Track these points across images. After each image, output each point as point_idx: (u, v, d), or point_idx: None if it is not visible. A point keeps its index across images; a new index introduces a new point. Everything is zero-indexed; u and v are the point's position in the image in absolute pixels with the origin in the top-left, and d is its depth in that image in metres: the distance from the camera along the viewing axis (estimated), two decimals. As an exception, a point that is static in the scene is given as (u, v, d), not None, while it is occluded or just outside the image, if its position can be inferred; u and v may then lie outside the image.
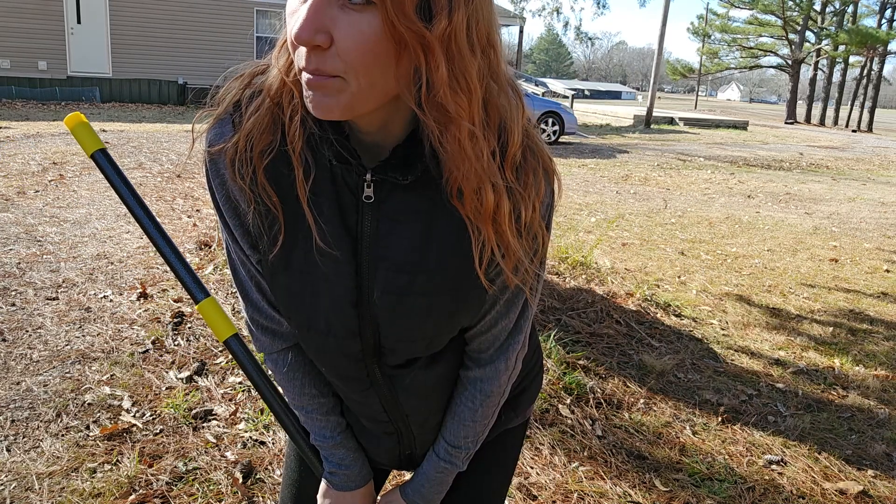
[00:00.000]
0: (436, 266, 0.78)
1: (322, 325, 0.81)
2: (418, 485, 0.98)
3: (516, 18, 19.85)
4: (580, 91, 37.25)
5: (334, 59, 0.63)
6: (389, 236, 0.77)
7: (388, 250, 0.77)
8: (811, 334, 3.74)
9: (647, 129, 19.58)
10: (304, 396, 0.93)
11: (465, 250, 0.77)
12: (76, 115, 0.85)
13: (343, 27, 0.62)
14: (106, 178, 0.85)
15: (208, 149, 0.78)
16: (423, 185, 0.75)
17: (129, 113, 13.52)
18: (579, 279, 4.11)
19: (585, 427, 2.53)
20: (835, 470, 2.38)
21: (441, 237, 0.77)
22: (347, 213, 0.77)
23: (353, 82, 0.65)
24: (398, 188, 0.76)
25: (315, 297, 0.80)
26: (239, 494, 1.99)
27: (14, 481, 1.98)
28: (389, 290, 0.78)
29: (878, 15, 33.76)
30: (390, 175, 0.74)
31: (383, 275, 0.78)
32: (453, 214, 0.76)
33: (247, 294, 0.88)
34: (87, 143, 0.84)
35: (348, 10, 0.62)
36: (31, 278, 3.59)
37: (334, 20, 0.62)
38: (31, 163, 6.64)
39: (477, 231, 0.75)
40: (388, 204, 0.76)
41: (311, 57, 0.64)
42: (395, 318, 0.80)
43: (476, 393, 0.91)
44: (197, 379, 2.65)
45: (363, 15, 0.61)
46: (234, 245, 0.84)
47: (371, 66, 0.64)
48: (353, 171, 0.75)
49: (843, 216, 7.61)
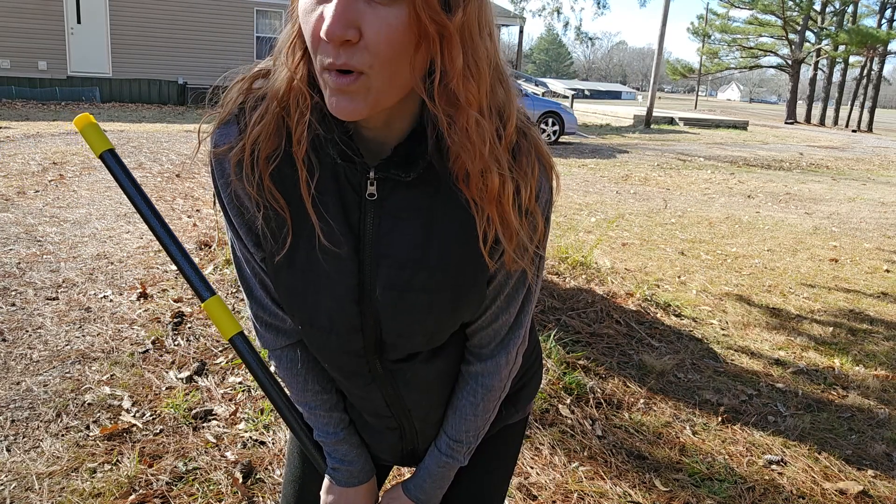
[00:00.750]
0: (437, 263, 0.79)
1: (324, 322, 0.82)
2: (420, 480, 0.98)
3: (516, 18, 19.85)
4: (580, 91, 37.29)
5: (363, 53, 0.64)
6: (392, 233, 0.78)
7: (390, 247, 0.78)
8: (811, 334, 3.74)
9: (647, 129, 19.58)
10: (307, 393, 0.94)
11: (466, 245, 0.78)
12: (85, 116, 0.86)
13: (371, 21, 0.63)
14: (114, 178, 0.86)
15: (213, 149, 0.78)
16: (426, 181, 0.76)
17: (130, 113, 13.53)
18: (579, 279, 4.11)
19: (585, 427, 2.53)
20: (835, 470, 2.38)
21: (443, 233, 0.78)
22: (350, 211, 0.78)
23: (377, 77, 0.66)
24: (401, 185, 0.77)
25: (317, 294, 0.81)
26: (239, 494, 1.99)
27: (14, 481, 1.98)
28: (391, 287, 0.79)
29: (878, 15, 33.77)
30: (393, 172, 0.75)
31: (385, 272, 0.79)
32: (455, 207, 0.77)
33: (251, 291, 0.89)
34: (96, 143, 0.85)
35: (375, 5, 0.63)
36: (31, 278, 3.59)
37: (362, 14, 0.63)
38: (31, 163, 6.64)
39: (481, 211, 0.76)
40: (391, 201, 0.77)
41: (339, 52, 0.64)
42: (396, 313, 0.81)
43: (477, 387, 0.92)
44: (197, 379, 2.65)
45: (390, 8, 0.63)
46: (239, 243, 0.85)
47: (395, 59, 0.65)
48: (356, 169, 0.76)
49: (843, 216, 7.61)
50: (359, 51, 0.64)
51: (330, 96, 0.68)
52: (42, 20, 14.24)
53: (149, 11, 15.19)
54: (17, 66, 14.19)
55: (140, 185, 0.87)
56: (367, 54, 0.64)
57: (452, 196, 0.77)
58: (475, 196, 0.75)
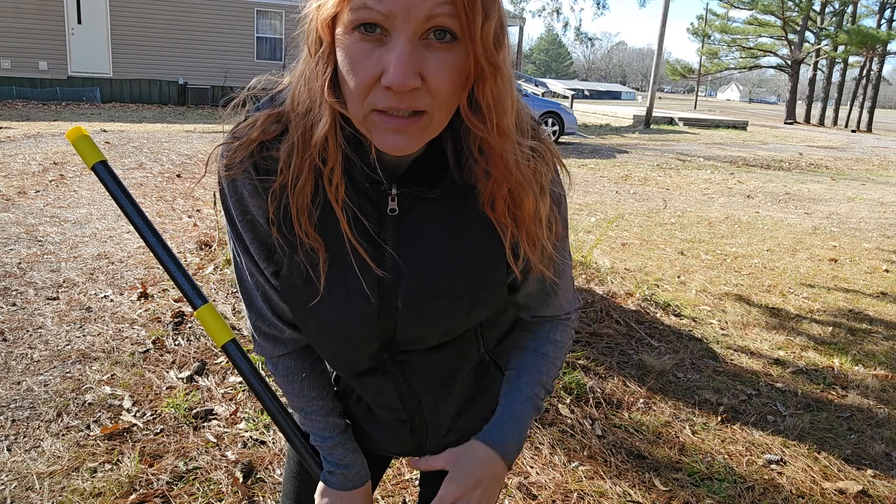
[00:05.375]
0: (459, 272, 0.80)
1: (340, 333, 0.83)
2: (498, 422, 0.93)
3: (516, 18, 19.86)
4: (580, 91, 37.31)
5: (426, 97, 0.65)
6: (413, 247, 0.79)
7: (411, 261, 0.79)
8: (810, 334, 3.74)
9: (647, 130, 19.58)
10: (303, 399, 0.94)
11: (487, 253, 0.80)
12: (77, 129, 0.86)
13: (432, 66, 0.64)
14: (107, 190, 0.87)
15: (226, 171, 0.77)
16: (447, 196, 0.77)
17: (130, 113, 13.53)
18: (579, 279, 4.11)
19: (585, 427, 2.53)
20: (834, 469, 2.38)
21: (464, 244, 0.79)
22: (372, 227, 0.78)
23: (437, 115, 0.67)
24: (421, 200, 0.77)
25: (335, 306, 0.81)
26: (239, 494, 2.00)
27: (15, 481, 1.98)
28: (413, 298, 0.80)
29: (878, 15, 33.76)
30: (416, 189, 0.76)
31: (407, 283, 0.79)
32: (477, 220, 0.78)
33: (252, 302, 0.88)
34: (88, 155, 0.86)
35: (434, 49, 0.64)
36: (31, 278, 3.60)
37: (423, 60, 0.64)
38: (31, 163, 6.64)
39: (503, 231, 0.78)
40: (411, 216, 0.78)
41: (402, 98, 0.65)
42: (415, 320, 0.82)
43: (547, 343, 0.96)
44: (197, 378, 2.66)
45: (449, 52, 0.65)
46: (246, 257, 0.84)
47: (451, 98, 0.67)
48: (378, 186, 0.76)
49: (843, 216, 7.62)
50: (421, 95, 0.65)
51: (382, 135, 0.68)
52: (42, 20, 14.24)
53: (149, 11, 15.20)
54: (17, 66, 14.20)
55: (132, 196, 0.87)
56: (429, 97, 0.65)
57: (474, 210, 0.78)
58: (501, 218, 0.77)
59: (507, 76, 0.69)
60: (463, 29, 0.64)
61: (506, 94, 0.69)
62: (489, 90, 0.68)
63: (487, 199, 0.75)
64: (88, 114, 12.79)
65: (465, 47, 0.65)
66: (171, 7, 15.42)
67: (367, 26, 0.64)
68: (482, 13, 0.63)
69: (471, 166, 0.74)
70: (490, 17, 0.64)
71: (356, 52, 0.65)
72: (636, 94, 65.18)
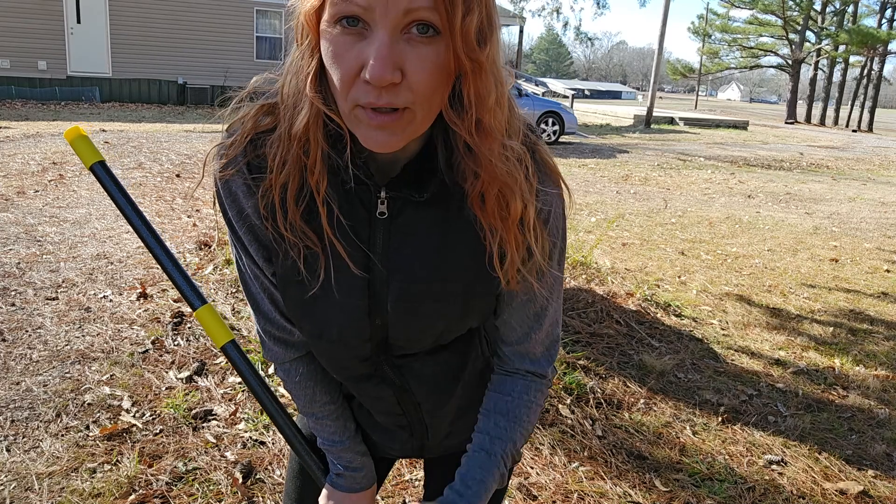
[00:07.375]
0: (449, 275, 0.80)
1: (334, 334, 0.82)
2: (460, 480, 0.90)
3: (516, 18, 19.84)
4: (580, 91, 37.30)
5: (406, 93, 0.65)
6: (403, 250, 0.78)
7: (401, 263, 0.79)
8: (811, 334, 3.74)
9: (648, 129, 19.58)
10: (315, 404, 0.94)
11: (479, 256, 0.79)
12: (75, 129, 0.86)
13: (413, 60, 0.64)
14: (105, 190, 0.86)
15: (221, 172, 0.77)
16: (437, 198, 0.77)
17: (129, 113, 13.52)
18: (579, 279, 4.10)
19: (585, 427, 2.52)
20: (835, 470, 2.38)
21: (455, 247, 0.79)
22: (360, 229, 0.78)
23: (419, 111, 0.67)
24: (410, 203, 0.77)
25: (327, 308, 0.81)
26: (239, 494, 1.99)
27: (14, 481, 1.98)
28: (403, 300, 0.80)
29: (878, 15, 33.75)
30: (405, 192, 0.76)
31: (397, 286, 0.79)
32: (467, 222, 0.78)
33: (258, 306, 0.88)
34: (86, 155, 0.85)
35: (415, 44, 0.64)
36: (30, 278, 3.59)
37: (405, 55, 0.63)
38: (30, 163, 6.64)
39: (493, 231, 0.77)
40: (401, 219, 0.78)
41: (381, 93, 0.64)
42: (407, 322, 0.82)
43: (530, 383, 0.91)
44: (197, 379, 2.65)
45: (430, 47, 0.64)
46: (248, 259, 0.84)
47: (434, 94, 0.66)
48: (368, 189, 0.76)
49: (844, 216, 7.61)
50: (402, 90, 0.64)
51: (366, 131, 0.67)
52: (42, 20, 14.23)
53: (149, 11, 15.18)
54: (16, 65, 14.19)
55: (130, 197, 0.87)
56: (410, 93, 0.65)
57: (464, 211, 0.77)
58: (490, 219, 0.76)
59: (492, 73, 0.68)
60: (443, 23, 0.63)
61: (488, 92, 0.68)
62: (471, 87, 0.67)
63: (476, 198, 0.74)
64: (88, 113, 12.79)
65: (447, 42, 0.64)
66: (171, 6, 15.41)
67: (349, 20, 0.63)
68: (462, 7, 0.62)
69: (460, 165, 0.74)
70: (472, 12, 0.63)
71: (338, 45, 0.65)
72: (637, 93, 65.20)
